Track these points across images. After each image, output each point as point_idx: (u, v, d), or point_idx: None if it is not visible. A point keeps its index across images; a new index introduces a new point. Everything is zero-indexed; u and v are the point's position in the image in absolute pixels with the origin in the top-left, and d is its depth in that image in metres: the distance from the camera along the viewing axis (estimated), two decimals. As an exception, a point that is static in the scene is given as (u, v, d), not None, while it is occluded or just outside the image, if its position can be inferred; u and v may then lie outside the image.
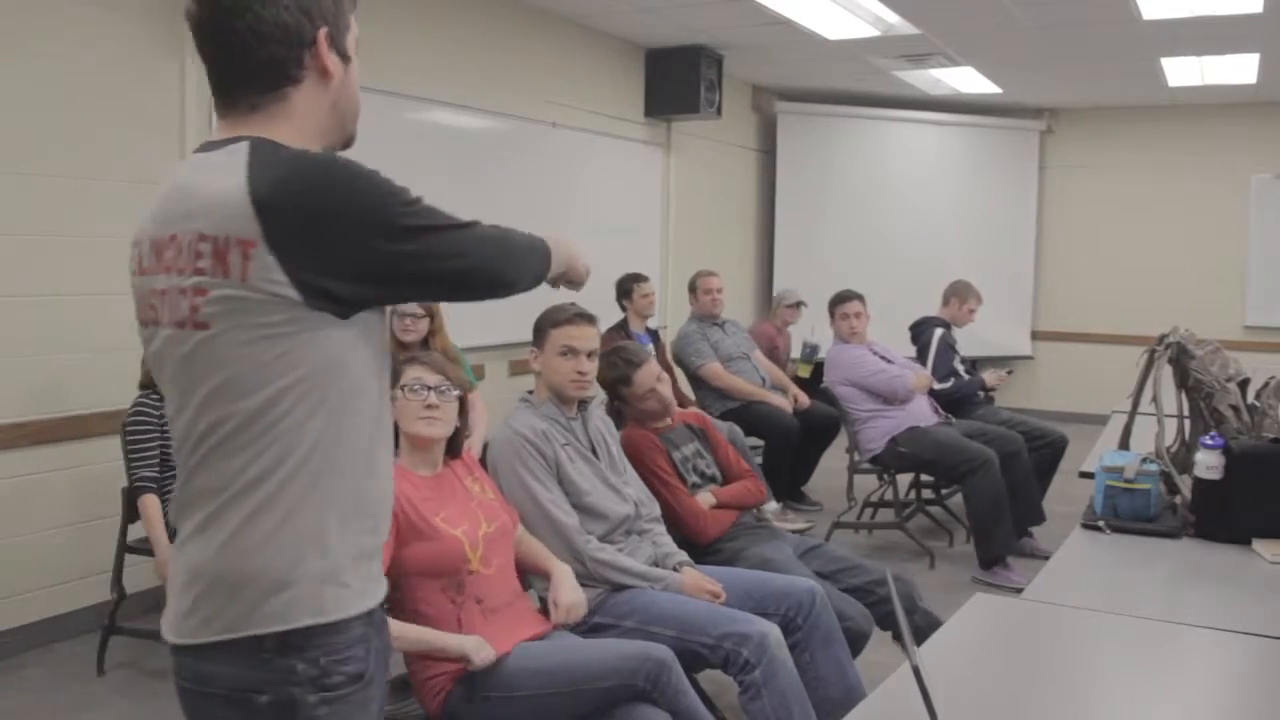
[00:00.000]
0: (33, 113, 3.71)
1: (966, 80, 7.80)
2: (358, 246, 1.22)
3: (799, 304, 6.56)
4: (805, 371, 6.40)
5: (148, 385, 3.53)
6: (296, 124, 1.30)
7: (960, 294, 5.63)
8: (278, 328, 1.21)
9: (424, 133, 5.25)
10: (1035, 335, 9.14)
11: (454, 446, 2.47)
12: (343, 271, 1.22)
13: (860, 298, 5.23)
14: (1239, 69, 7.09)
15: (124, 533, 3.55)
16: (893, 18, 5.97)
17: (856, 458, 5.16)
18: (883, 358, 5.16)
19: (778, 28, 6.13)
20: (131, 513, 3.52)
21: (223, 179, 1.22)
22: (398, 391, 2.34)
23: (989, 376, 5.59)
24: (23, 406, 3.73)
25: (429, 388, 2.37)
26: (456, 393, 2.42)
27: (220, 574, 1.25)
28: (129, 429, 3.47)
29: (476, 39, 5.56)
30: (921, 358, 5.46)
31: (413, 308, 4.32)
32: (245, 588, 1.24)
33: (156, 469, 3.48)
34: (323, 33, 1.29)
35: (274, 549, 1.25)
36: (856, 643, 2.84)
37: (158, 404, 3.50)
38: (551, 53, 6.09)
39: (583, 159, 6.37)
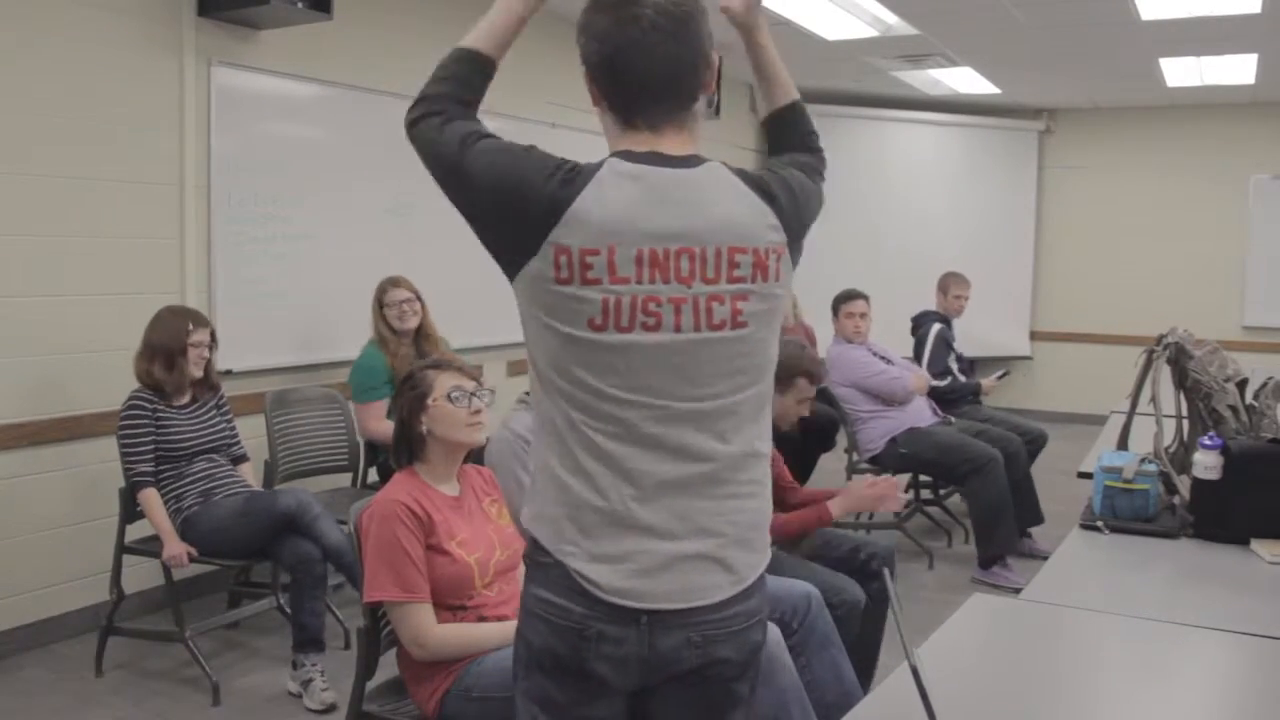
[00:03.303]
0: (33, 113, 3.71)
1: (965, 81, 7.80)
2: (810, 225, 1.53)
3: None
4: None
5: (152, 387, 3.52)
6: (698, 137, 1.49)
7: (944, 285, 5.74)
8: (779, 317, 1.48)
9: (423, 133, 5.25)
10: (1034, 335, 9.14)
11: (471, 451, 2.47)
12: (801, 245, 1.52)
13: (865, 297, 5.23)
14: (1238, 69, 7.09)
15: (122, 533, 3.54)
16: (891, 18, 5.98)
17: (856, 458, 5.17)
18: (882, 358, 5.16)
19: (777, 28, 6.07)
20: (129, 513, 3.52)
21: (733, 197, 1.43)
22: (441, 399, 2.34)
23: (985, 382, 5.60)
24: (21, 407, 3.73)
25: (472, 394, 2.37)
26: (490, 393, 2.43)
27: (760, 524, 1.49)
28: (124, 424, 3.47)
29: (475, 39, 5.55)
30: (918, 351, 5.48)
31: (407, 294, 4.35)
32: (764, 531, 1.50)
33: (152, 463, 3.48)
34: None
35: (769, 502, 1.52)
36: (851, 619, 2.86)
37: (152, 399, 3.50)
38: (551, 53, 6.08)
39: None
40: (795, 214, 1.47)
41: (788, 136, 1.62)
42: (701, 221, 1.39)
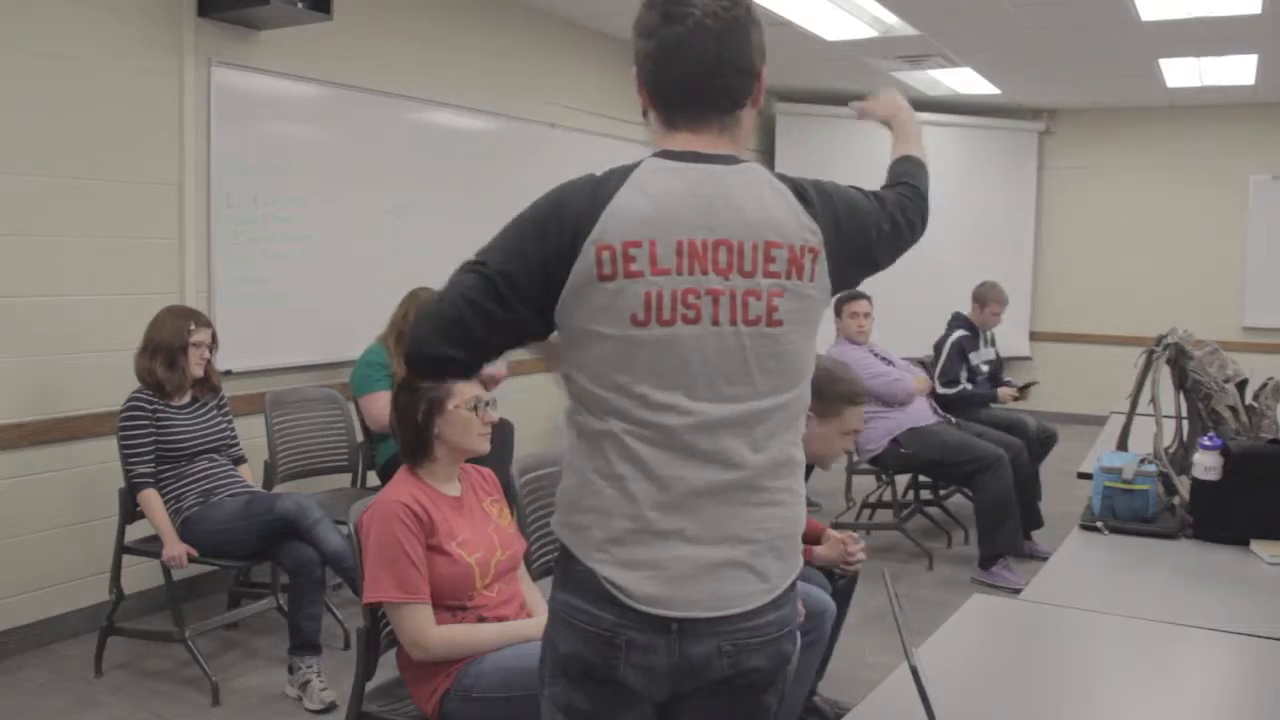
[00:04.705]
0: (33, 113, 3.70)
1: (965, 81, 7.80)
2: (866, 247, 1.54)
3: None
4: None
5: (153, 386, 3.52)
6: (743, 141, 1.50)
7: (980, 298, 5.64)
8: (813, 322, 1.47)
9: (424, 133, 5.25)
10: (1033, 336, 9.14)
11: None
12: (857, 266, 1.53)
13: (868, 297, 5.23)
14: (1237, 70, 7.09)
15: (121, 533, 3.54)
16: (891, 19, 5.98)
17: (855, 458, 5.16)
18: (883, 359, 5.16)
19: (776, 28, 6.13)
20: (129, 513, 3.52)
21: (769, 194, 1.43)
22: (462, 407, 2.36)
23: (1003, 392, 5.56)
24: (21, 407, 3.73)
25: (487, 404, 2.41)
26: (494, 402, 2.49)
27: (793, 532, 1.47)
28: (124, 425, 3.46)
29: (476, 40, 5.56)
30: (935, 354, 5.48)
31: None
32: (796, 540, 1.48)
33: (152, 464, 3.48)
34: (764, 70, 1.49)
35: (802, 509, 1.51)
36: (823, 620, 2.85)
37: (151, 399, 3.50)
38: (551, 53, 6.09)
39: (582, 160, 6.29)
40: (832, 221, 1.46)
41: (890, 176, 1.78)
42: (739, 215, 1.40)
